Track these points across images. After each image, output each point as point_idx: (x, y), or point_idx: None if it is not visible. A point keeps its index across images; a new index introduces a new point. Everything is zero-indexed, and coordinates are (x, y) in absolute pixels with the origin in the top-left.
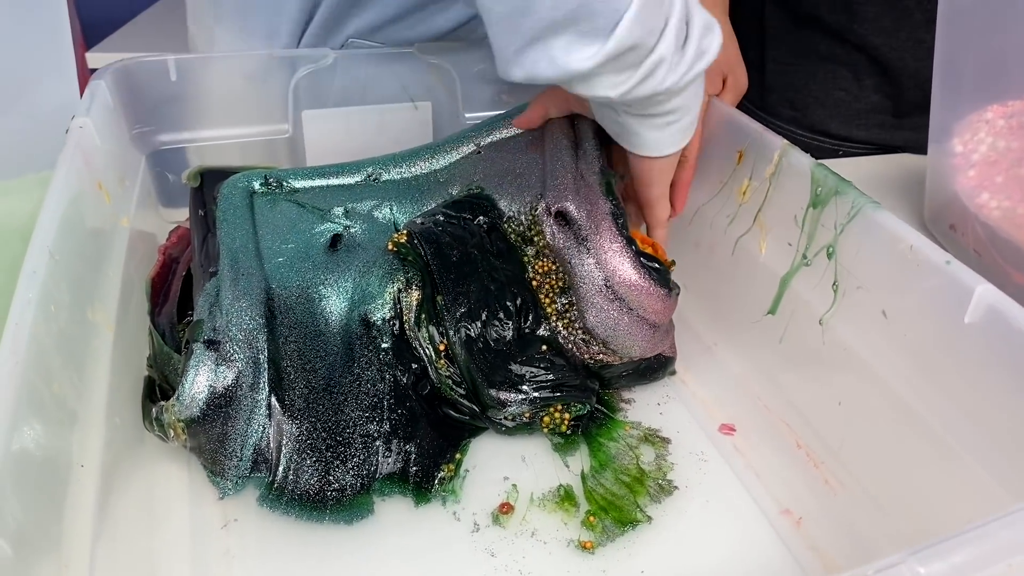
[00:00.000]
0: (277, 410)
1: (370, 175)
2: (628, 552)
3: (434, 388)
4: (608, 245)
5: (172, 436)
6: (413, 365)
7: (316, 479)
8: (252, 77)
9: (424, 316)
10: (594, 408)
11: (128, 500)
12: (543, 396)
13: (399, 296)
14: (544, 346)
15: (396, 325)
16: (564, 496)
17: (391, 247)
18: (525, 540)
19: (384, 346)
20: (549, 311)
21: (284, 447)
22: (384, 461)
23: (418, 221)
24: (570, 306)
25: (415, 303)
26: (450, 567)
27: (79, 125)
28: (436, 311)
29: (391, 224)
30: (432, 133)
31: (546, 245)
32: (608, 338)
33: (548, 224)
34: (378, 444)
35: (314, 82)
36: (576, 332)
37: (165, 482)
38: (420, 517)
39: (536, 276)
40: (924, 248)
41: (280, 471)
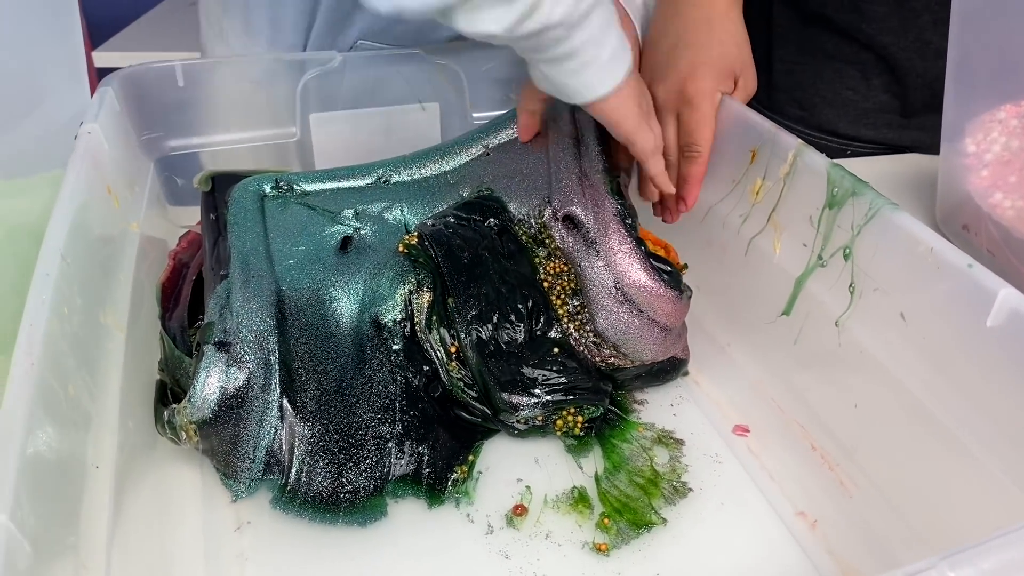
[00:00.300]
0: (289, 412)
1: (380, 177)
2: (643, 555)
3: (446, 390)
4: (617, 247)
5: (184, 439)
6: (424, 367)
7: (329, 481)
8: (259, 81)
9: (435, 318)
10: (607, 410)
11: (142, 503)
12: (555, 399)
13: (410, 298)
14: (556, 348)
15: (407, 327)
16: (578, 498)
17: (402, 249)
18: (539, 542)
19: (395, 348)
20: (560, 313)
21: (296, 449)
22: (397, 463)
23: (429, 223)
24: (582, 308)
25: (426, 305)
26: (464, 569)
27: (87, 131)
28: (447, 313)
29: (402, 226)
30: (440, 134)
31: (557, 247)
32: (619, 342)
33: (556, 228)
34: (391, 446)
35: (322, 84)
36: (587, 335)
37: (178, 485)
38: (433, 519)
39: (548, 277)
40: (945, 251)
41: (293, 473)
